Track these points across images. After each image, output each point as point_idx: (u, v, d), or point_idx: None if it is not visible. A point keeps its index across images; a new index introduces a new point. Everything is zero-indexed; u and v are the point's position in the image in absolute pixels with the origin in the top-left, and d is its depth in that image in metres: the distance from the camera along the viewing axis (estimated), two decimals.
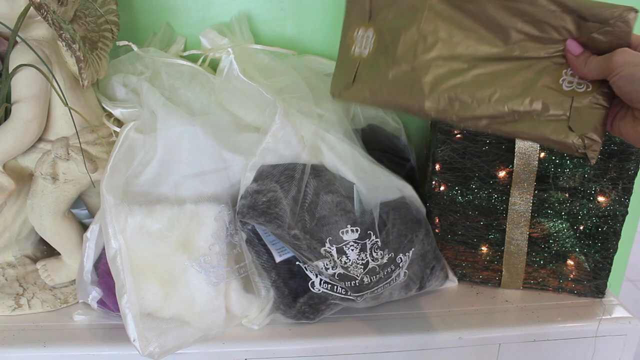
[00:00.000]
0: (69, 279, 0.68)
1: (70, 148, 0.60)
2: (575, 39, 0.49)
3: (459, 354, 0.64)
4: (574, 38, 0.49)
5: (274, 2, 0.77)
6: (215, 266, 0.61)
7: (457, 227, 0.71)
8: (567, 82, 0.50)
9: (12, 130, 0.57)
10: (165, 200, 0.61)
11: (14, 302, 0.65)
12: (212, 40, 0.73)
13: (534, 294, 0.71)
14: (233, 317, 0.63)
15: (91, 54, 0.61)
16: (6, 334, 0.61)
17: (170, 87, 0.67)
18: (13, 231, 0.66)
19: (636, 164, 0.64)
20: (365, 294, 0.62)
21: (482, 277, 0.72)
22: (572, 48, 0.49)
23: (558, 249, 0.69)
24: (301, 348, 0.62)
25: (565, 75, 0.50)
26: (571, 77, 0.50)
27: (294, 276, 0.62)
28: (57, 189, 0.62)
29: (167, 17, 0.77)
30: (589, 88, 0.49)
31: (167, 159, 0.61)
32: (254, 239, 0.62)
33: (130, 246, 0.58)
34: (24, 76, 0.56)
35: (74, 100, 0.61)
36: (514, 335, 0.64)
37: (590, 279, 0.69)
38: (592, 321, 0.65)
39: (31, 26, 0.58)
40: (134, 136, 0.62)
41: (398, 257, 0.64)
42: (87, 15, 0.63)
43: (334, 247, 0.61)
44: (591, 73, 0.48)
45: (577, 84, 0.50)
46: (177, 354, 0.59)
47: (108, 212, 0.58)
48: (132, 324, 0.57)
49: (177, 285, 0.60)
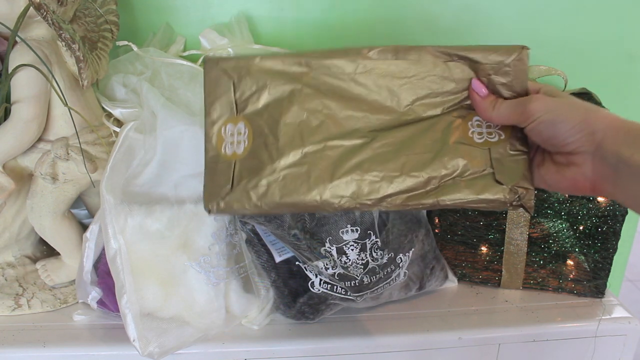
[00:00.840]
0: (68, 279, 0.68)
1: (70, 148, 0.60)
2: (478, 79, 0.46)
3: (458, 354, 0.64)
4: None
5: (273, 2, 0.77)
6: (215, 266, 0.61)
7: (457, 227, 0.71)
8: (477, 134, 0.46)
9: (12, 130, 0.57)
10: (165, 200, 0.61)
11: (14, 302, 0.65)
12: (212, 41, 0.73)
13: (533, 294, 0.71)
14: (233, 317, 0.63)
15: (91, 54, 0.61)
16: (6, 334, 0.61)
17: (170, 87, 0.67)
18: (13, 231, 0.66)
19: None
20: (365, 294, 0.62)
21: (481, 277, 0.72)
22: (477, 88, 0.47)
23: (558, 249, 0.69)
24: (301, 348, 0.61)
25: (472, 127, 0.47)
26: (478, 127, 0.47)
27: (294, 276, 0.62)
28: (56, 189, 0.62)
29: (166, 17, 0.77)
30: (501, 136, 0.46)
31: (167, 159, 0.61)
32: (254, 239, 0.62)
33: (130, 246, 0.58)
34: (23, 76, 0.56)
35: (74, 100, 0.60)
36: (514, 335, 0.64)
37: (590, 279, 0.69)
38: (591, 321, 0.66)
39: (31, 26, 0.58)
40: (134, 136, 0.62)
41: (398, 257, 0.64)
42: (86, 15, 0.63)
43: (334, 247, 0.61)
44: (501, 117, 0.46)
45: (487, 133, 0.46)
46: (177, 354, 0.59)
47: (108, 212, 0.58)
48: (132, 324, 0.57)
49: (176, 285, 0.60)
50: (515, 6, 0.79)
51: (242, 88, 0.49)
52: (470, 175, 0.45)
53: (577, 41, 0.82)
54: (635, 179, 0.39)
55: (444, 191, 0.45)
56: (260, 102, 0.48)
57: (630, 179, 0.40)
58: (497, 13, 0.79)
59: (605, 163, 0.41)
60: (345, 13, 0.78)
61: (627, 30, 0.81)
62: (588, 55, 0.83)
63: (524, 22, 0.80)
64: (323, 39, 0.80)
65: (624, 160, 0.40)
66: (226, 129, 0.49)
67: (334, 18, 0.79)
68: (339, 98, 0.47)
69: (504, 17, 0.79)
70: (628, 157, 0.39)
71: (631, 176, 0.40)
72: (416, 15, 0.79)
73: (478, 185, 0.45)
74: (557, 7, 0.79)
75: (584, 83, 0.79)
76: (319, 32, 0.80)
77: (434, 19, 0.79)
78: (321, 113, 0.47)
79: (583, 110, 0.42)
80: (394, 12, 0.79)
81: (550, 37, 0.81)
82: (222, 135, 0.49)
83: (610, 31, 0.81)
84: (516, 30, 0.80)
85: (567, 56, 0.82)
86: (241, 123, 0.48)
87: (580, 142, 0.42)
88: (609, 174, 0.41)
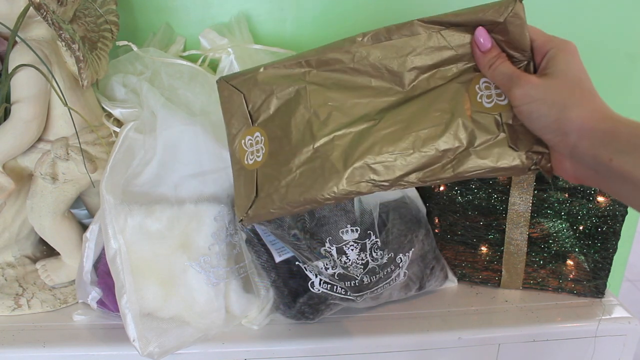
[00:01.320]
0: (68, 279, 0.68)
1: (70, 148, 0.60)
2: (484, 28, 0.44)
3: (458, 354, 0.64)
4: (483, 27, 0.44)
5: (273, 2, 0.77)
6: (215, 266, 0.61)
7: (457, 227, 0.71)
8: (486, 98, 0.44)
9: (12, 130, 0.57)
10: (165, 201, 0.61)
11: (14, 302, 0.65)
12: (212, 41, 0.73)
13: (533, 294, 0.71)
14: (233, 317, 0.63)
15: (91, 54, 0.61)
16: (6, 334, 0.61)
17: (170, 87, 0.67)
18: (13, 231, 0.66)
19: None
20: (365, 294, 0.62)
21: (481, 277, 0.72)
22: (479, 41, 0.44)
23: (558, 249, 0.69)
24: (301, 348, 0.61)
25: (480, 90, 0.44)
26: (487, 90, 0.44)
27: (294, 276, 0.62)
28: (56, 189, 0.62)
29: (166, 17, 0.77)
30: None
31: (167, 159, 0.61)
32: (254, 239, 0.62)
33: (130, 246, 0.58)
34: (23, 76, 0.56)
35: (74, 100, 0.60)
36: (514, 336, 0.64)
37: (590, 279, 0.69)
38: (591, 321, 0.65)
39: (31, 26, 0.58)
40: (134, 136, 0.62)
41: (398, 257, 0.64)
42: (86, 15, 0.63)
43: (334, 247, 0.61)
44: (495, 81, 0.43)
45: (496, 95, 0.44)
46: (176, 354, 0.59)
47: (108, 212, 0.58)
48: (132, 324, 0.57)
49: (176, 285, 0.60)
50: None
51: (253, 100, 0.50)
52: (484, 143, 0.44)
53: (577, 41, 0.81)
54: (617, 181, 0.37)
55: (460, 163, 0.44)
56: (271, 108, 0.49)
57: (610, 181, 0.38)
58: None
59: (582, 164, 0.39)
60: (345, 13, 0.78)
61: (627, 30, 0.81)
62: (588, 55, 0.82)
63: None
64: (323, 38, 0.79)
65: (601, 163, 0.37)
66: (245, 140, 0.51)
67: (334, 18, 0.79)
68: (343, 89, 0.47)
69: None
70: (606, 161, 0.37)
71: (613, 178, 0.37)
72: (417, 14, 0.79)
73: (494, 153, 0.43)
74: (557, 7, 0.79)
75: None
76: (319, 32, 0.80)
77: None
78: (328, 106, 0.47)
79: (560, 108, 0.39)
80: (394, 11, 0.79)
81: None
82: (243, 147, 0.51)
83: (610, 31, 0.81)
84: None
85: None
86: (257, 132, 0.50)
87: (554, 141, 0.40)
88: (589, 174, 0.39)
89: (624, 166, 0.36)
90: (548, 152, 0.43)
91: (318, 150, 0.46)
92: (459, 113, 0.44)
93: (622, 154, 0.36)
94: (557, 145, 0.41)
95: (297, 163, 0.46)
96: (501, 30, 0.44)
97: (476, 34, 0.44)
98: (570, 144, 0.39)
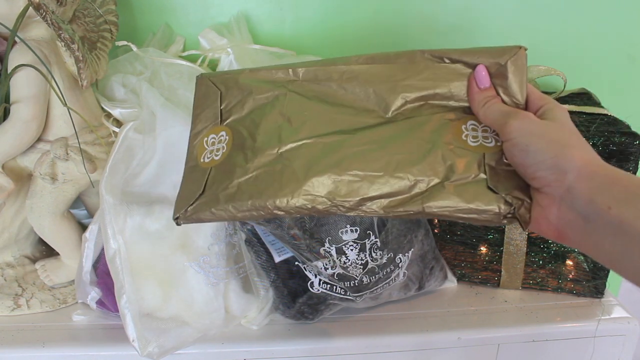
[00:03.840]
0: (68, 279, 0.68)
1: (70, 148, 0.60)
2: (485, 68, 0.43)
3: (458, 354, 0.64)
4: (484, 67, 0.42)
5: (272, 3, 0.77)
6: (215, 266, 0.61)
7: (456, 227, 0.71)
8: (471, 137, 0.42)
9: (11, 130, 0.57)
10: (165, 201, 0.61)
11: (13, 303, 0.65)
12: (211, 41, 0.73)
13: (533, 294, 0.71)
14: (232, 317, 0.63)
15: (90, 54, 0.61)
16: (5, 334, 0.61)
17: (170, 87, 0.67)
18: (12, 231, 0.66)
19: (635, 163, 0.64)
20: (365, 294, 0.62)
21: (481, 277, 0.72)
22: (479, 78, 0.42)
23: (557, 249, 0.69)
24: (300, 348, 0.61)
25: (466, 130, 0.43)
26: (473, 130, 0.43)
27: (293, 276, 0.62)
28: (56, 189, 0.62)
29: (166, 17, 0.77)
30: (498, 142, 0.42)
31: (167, 159, 0.61)
32: (253, 239, 0.62)
33: (130, 246, 0.58)
34: (23, 76, 0.56)
35: (73, 100, 0.60)
36: (513, 336, 0.64)
37: (590, 279, 0.69)
38: (591, 321, 0.65)
39: (30, 26, 0.58)
40: (133, 136, 0.62)
41: (397, 257, 0.64)
42: (86, 15, 0.63)
43: (333, 247, 0.61)
44: (487, 119, 0.42)
45: (483, 137, 0.42)
46: (176, 354, 0.59)
47: (107, 213, 0.58)
48: (131, 324, 0.57)
49: (176, 285, 0.60)
50: (515, 6, 0.79)
51: (229, 99, 0.48)
52: (461, 180, 0.41)
53: (577, 41, 0.82)
54: (608, 234, 0.34)
55: (431, 196, 0.40)
56: (245, 109, 0.47)
57: (602, 233, 0.35)
58: (497, 14, 0.79)
59: (573, 210, 0.36)
60: (345, 12, 0.78)
61: (627, 30, 0.81)
62: (588, 55, 0.83)
63: (523, 23, 0.80)
64: (322, 38, 0.80)
65: (597, 211, 0.34)
66: (208, 138, 0.48)
67: (334, 18, 0.79)
68: (324, 103, 0.45)
69: (504, 18, 0.79)
70: (604, 209, 0.34)
71: (604, 230, 0.34)
72: (417, 11, 0.79)
73: (469, 192, 0.40)
74: (557, 7, 0.79)
75: (583, 83, 0.79)
76: (318, 32, 0.80)
77: (434, 15, 0.79)
78: (303, 115, 0.44)
79: (561, 145, 0.37)
80: (394, 11, 0.79)
81: (550, 37, 0.81)
82: (204, 145, 0.48)
83: (610, 31, 0.81)
84: (516, 31, 0.80)
85: (567, 56, 0.82)
86: (223, 131, 0.47)
87: (547, 180, 0.38)
88: (577, 223, 0.36)
89: (623, 216, 0.33)
90: (530, 201, 0.40)
91: (282, 155, 0.43)
92: (440, 145, 0.42)
93: (621, 203, 0.34)
94: (550, 184, 0.38)
95: (256, 164, 0.43)
96: (500, 75, 0.42)
97: (477, 70, 0.43)
98: (566, 184, 0.37)
